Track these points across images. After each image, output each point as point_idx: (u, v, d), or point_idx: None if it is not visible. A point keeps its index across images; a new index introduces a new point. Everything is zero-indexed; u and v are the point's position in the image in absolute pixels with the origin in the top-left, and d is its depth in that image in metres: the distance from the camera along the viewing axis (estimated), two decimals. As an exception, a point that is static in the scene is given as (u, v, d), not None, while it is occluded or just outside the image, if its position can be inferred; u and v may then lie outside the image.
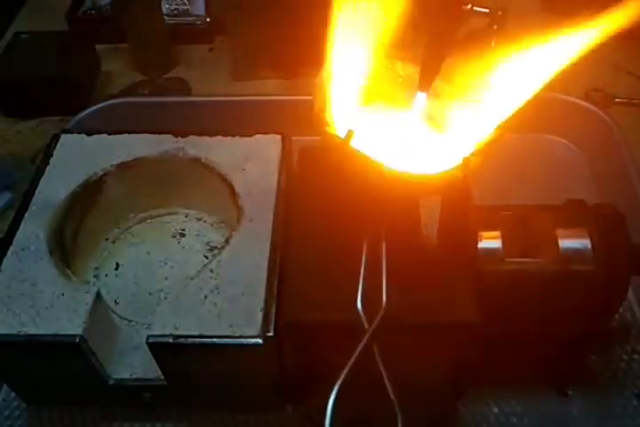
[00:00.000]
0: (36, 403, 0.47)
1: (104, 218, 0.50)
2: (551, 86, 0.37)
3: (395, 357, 0.39)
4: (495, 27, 0.71)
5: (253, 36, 0.72)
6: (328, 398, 0.41)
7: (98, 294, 0.41)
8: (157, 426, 0.46)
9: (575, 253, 0.40)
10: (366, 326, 0.36)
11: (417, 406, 0.44)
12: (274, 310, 0.39)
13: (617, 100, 0.69)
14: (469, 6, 0.71)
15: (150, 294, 0.47)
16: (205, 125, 0.52)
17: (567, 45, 0.37)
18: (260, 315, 0.39)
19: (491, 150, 0.37)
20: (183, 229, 0.51)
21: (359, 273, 0.39)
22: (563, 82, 0.73)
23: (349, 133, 0.36)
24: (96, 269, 0.49)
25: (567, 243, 0.40)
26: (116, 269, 0.49)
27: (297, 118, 0.63)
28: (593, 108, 0.63)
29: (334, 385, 0.34)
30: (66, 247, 0.46)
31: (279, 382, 0.42)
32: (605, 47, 0.74)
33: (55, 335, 0.39)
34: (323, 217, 0.43)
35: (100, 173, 0.48)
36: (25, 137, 0.69)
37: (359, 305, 0.36)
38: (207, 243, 0.50)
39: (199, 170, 0.48)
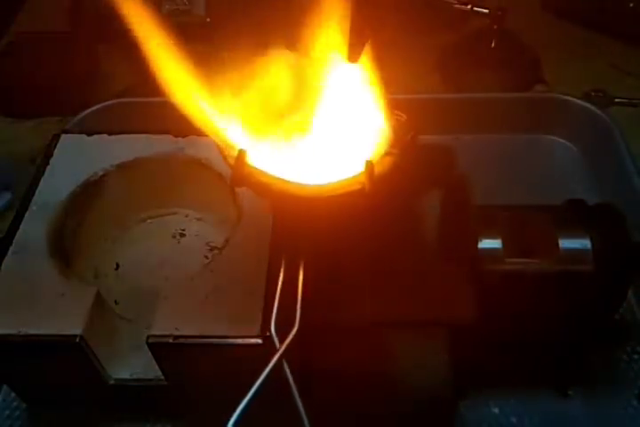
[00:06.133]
0: (36, 403, 0.47)
1: (104, 218, 0.50)
2: (551, 87, 0.36)
3: (395, 357, 0.40)
4: (495, 27, 0.71)
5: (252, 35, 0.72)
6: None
7: (98, 294, 0.41)
8: (157, 426, 0.46)
9: (575, 253, 0.40)
10: (277, 343, 0.35)
11: (417, 407, 0.44)
12: (274, 310, 0.39)
13: (617, 100, 0.69)
14: (469, 6, 0.71)
15: (150, 294, 0.47)
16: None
17: None
18: (259, 315, 0.39)
19: (407, 151, 0.35)
20: (183, 229, 0.51)
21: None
22: (563, 82, 0.74)
23: (241, 154, 0.34)
24: (96, 269, 0.49)
25: (567, 243, 0.40)
26: (116, 269, 0.49)
27: (297, 118, 0.64)
28: (593, 108, 0.63)
29: (240, 404, 0.34)
30: (66, 247, 0.46)
31: (279, 382, 0.42)
32: (605, 47, 0.75)
33: (55, 335, 0.39)
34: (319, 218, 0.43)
35: (100, 173, 0.48)
36: (25, 137, 0.69)
37: (273, 327, 0.36)
38: (207, 243, 0.50)
39: (199, 170, 0.48)
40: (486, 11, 0.71)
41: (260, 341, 0.38)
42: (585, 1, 0.78)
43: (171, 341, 0.38)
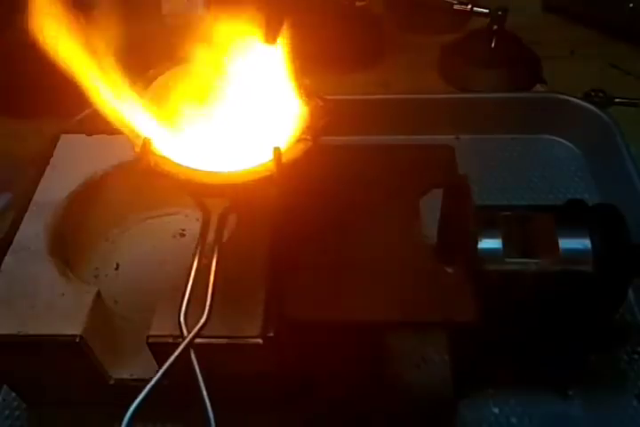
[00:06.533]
0: (36, 403, 0.47)
1: (104, 218, 0.50)
2: (551, 87, 0.36)
3: (395, 357, 0.40)
4: (495, 27, 0.71)
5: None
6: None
7: (98, 294, 0.41)
8: (157, 426, 0.46)
9: (575, 254, 0.40)
10: (185, 333, 0.35)
11: (417, 407, 0.44)
12: (274, 311, 0.39)
13: (617, 100, 0.69)
14: (469, 6, 0.71)
15: (150, 294, 0.47)
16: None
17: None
18: (260, 315, 0.39)
19: (319, 137, 0.35)
20: (183, 229, 0.51)
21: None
22: (563, 82, 0.74)
23: (146, 142, 0.34)
24: (96, 269, 0.49)
25: (567, 243, 0.40)
26: (116, 269, 0.49)
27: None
28: (593, 108, 0.63)
29: (143, 391, 0.34)
30: (66, 248, 0.46)
31: (279, 382, 0.42)
32: (605, 47, 0.75)
33: (55, 335, 0.39)
34: (323, 217, 0.43)
35: (100, 173, 0.48)
36: (25, 137, 0.69)
37: (182, 316, 0.35)
38: (207, 243, 0.50)
39: (199, 170, 0.48)
40: (486, 11, 0.71)
41: (260, 341, 0.38)
42: (585, 1, 0.78)
43: (171, 341, 0.38)
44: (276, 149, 0.33)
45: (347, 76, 0.75)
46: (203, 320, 0.35)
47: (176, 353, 0.34)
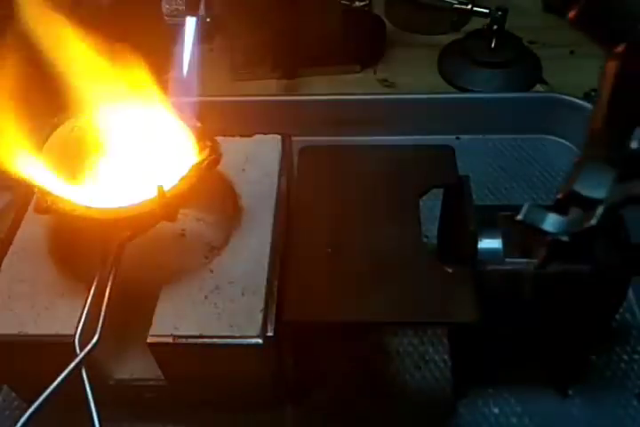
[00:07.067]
0: (36, 403, 0.47)
1: (104, 218, 0.50)
2: (551, 87, 0.36)
3: (394, 357, 0.40)
4: (495, 27, 0.71)
5: (253, 35, 0.72)
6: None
7: (98, 294, 0.41)
8: (157, 426, 0.46)
9: (575, 253, 0.40)
10: (78, 351, 0.36)
11: (417, 406, 0.44)
12: (274, 310, 0.39)
13: (617, 100, 0.69)
14: (469, 6, 0.71)
15: (150, 294, 0.47)
16: (205, 126, 0.52)
17: None
18: (259, 315, 0.39)
19: (204, 174, 0.39)
20: (183, 229, 0.51)
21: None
22: (563, 82, 0.74)
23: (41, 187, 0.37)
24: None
25: (567, 243, 0.40)
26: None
27: (297, 118, 0.64)
28: (593, 108, 0.63)
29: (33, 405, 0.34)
30: (66, 248, 0.46)
31: (279, 382, 0.42)
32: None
33: (55, 335, 0.39)
34: (323, 217, 0.43)
35: (100, 173, 0.48)
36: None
37: (77, 336, 0.36)
38: (207, 243, 0.50)
39: (199, 170, 0.48)
40: (486, 11, 0.71)
41: (260, 341, 0.38)
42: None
43: (171, 341, 0.38)
44: (160, 187, 0.37)
45: (346, 77, 0.75)
46: (94, 341, 0.36)
47: (65, 372, 0.35)
